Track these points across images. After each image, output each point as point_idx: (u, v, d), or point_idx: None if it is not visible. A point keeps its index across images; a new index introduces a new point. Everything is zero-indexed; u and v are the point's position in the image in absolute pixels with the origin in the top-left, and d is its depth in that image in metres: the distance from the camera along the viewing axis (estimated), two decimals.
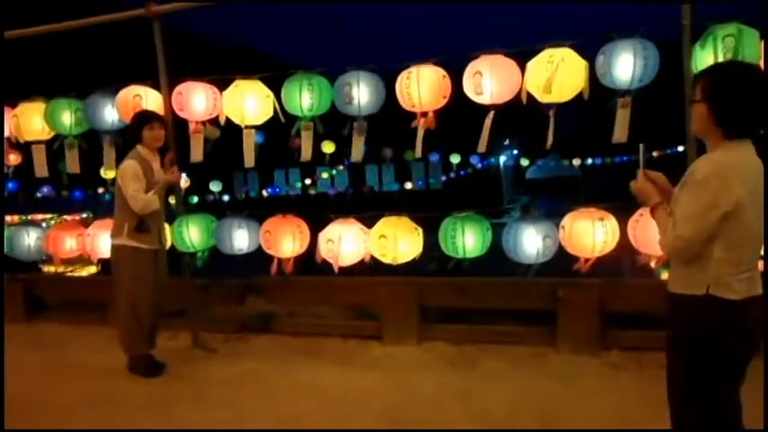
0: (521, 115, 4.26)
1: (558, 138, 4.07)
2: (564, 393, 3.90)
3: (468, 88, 4.07)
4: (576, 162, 23.44)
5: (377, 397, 3.99)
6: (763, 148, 2.24)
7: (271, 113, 4.61)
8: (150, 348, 4.56)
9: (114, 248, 4.45)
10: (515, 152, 26.17)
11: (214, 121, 4.73)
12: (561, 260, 4.25)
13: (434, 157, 24.18)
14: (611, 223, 3.95)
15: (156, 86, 4.79)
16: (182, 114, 4.70)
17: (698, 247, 2.19)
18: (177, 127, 4.79)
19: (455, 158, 23.08)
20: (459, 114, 4.19)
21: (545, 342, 4.55)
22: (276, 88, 4.52)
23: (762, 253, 2.35)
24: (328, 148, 15.25)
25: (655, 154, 26.02)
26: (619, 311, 4.49)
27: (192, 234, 4.75)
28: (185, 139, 4.74)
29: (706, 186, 2.13)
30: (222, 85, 4.66)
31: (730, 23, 3.57)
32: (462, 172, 25.09)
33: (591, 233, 3.92)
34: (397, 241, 4.21)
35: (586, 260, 4.05)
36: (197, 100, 4.62)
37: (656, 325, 4.51)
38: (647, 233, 3.85)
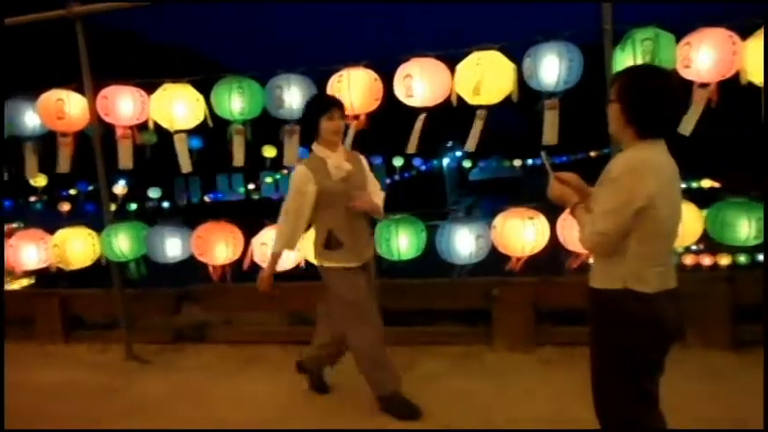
0: (462, 117, 4.30)
1: (497, 139, 4.14)
2: (500, 391, 3.96)
3: (399, 91, 4.09)
4: (517, 163, 23.96)
5: (315, 403, 3.96)
6: (675, 149, 2.32)
7: (201, 118, 4.52)
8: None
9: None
10: (458, 154, 26.55)
11: (142, 126, 4.60)
12: (496, 260, 4.32)
13: (377, 161, 24.24)
14: (541, 222, 4.03)
15: (81, 90, 4.63)
16: (107, 119, 4.56)
17: (616, 242, 2.26)
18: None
19: (398, 161, 23.21)
20: (402, 117, 4.21)
21: (481, 341, 4.61)
22: (208, 92, 4.43)
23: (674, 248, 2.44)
24: (269, 152, 15.10)
25: (592, 154, 26.88)
26: (552, 308, 4.59)
27: (122, 243, 4.61)
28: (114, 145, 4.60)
29: (621, 183, 2.21)
30: (150, 88, 4.53)
31: (648, 27, 3.71)
32: (406, 174, 25.25)
33: (521, 232, 3.99)
34: None
35: (518, 259, 4.12)
36: (123, 104, 4.49)
37: (587, 320, 4.68)
38: (575, 233, 3.95)
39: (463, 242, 4.08)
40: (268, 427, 3.67)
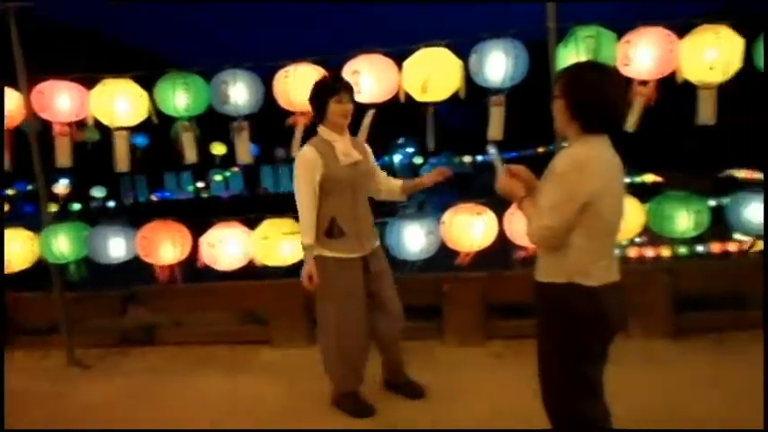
0: (414, 114, 4.31)
1: (447, 136, 4.17)
2: (451, 385, 3.99)
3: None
4: (468, 159, 24.24)
5: (268, 403, 3.92)
6: (618, 144, 2.37)
7: (145, 114, 4.39)
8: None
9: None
10: (410, 150, 26.67)
11: (82, 123, 4.45)
12: (445, 255, 4.36)
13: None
14: (490, 217, 4.08)
15: (15, 85, 4.44)
16: (44, 115, 4.38)
17: (561, 237, 2.30)
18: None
19: None
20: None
21: (432, 336, 4.64)
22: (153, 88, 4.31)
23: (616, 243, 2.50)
24: (218, 149, 14.84)
25: (540, 150, 27.42)
26: (501, 302, 4.65)
27: (62, 244, 4.45)
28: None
29: (565, 179, 2.24)
30: (90, 83, 4.38)
31: (590, 25, 3.79)
32: None
33: (470, 228, 4.03)
34: (280, 243, 4.14)
35: (467, 254, 4.17)
36: (61, 100, 4.32)
37: (534, 313, 4.76)
38: (521, 227, 4.01)
39: (413, 238, 4.09)
40: (219, 428, 3.61)
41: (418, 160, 24.64)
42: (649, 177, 17.17)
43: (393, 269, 3.88)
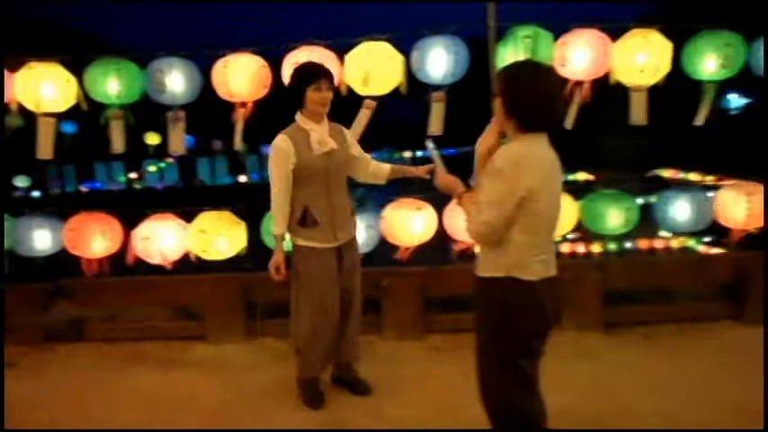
0: (354, 108, 4.28)
1: (387, 131, 4.17)
2: (391, 380, 3.99)
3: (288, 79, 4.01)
4: (408, 154, 24.38)
5: (203, 400, 3.82)
6: (557, 143, 2.42)
7: (74, 100, 4.21)
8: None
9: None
10: None
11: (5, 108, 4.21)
12: (384, 250, 4.38)
13: (268, 150, 23.81)
14: (429, 212, 4.12)
15: None
16: None
17: (500, 232, 2.33)
18: None
19: None
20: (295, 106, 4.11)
21: (372, 330, 4.63)
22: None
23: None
24: (153, 139, 14.40)
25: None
26: (440, 296, 4.70)
27: None
28: None
29: (503, 175, 2.27)
30: (14, 66, 4.16)
31: (529, 25, 3.87)
32: None
33: (410, 222, 4.06)
34: (218, 236, 4.05)
35: (406, 249, 4.19)
36: None
37: (471, 307, 4.83)
38: (461, 222, 4.07)
39: None
40: (154, 428, 3.50)
41: None
42: (582, 176, 17.74)
43: None
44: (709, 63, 3.91)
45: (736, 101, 25.17)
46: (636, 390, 3.68)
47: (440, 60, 3.89)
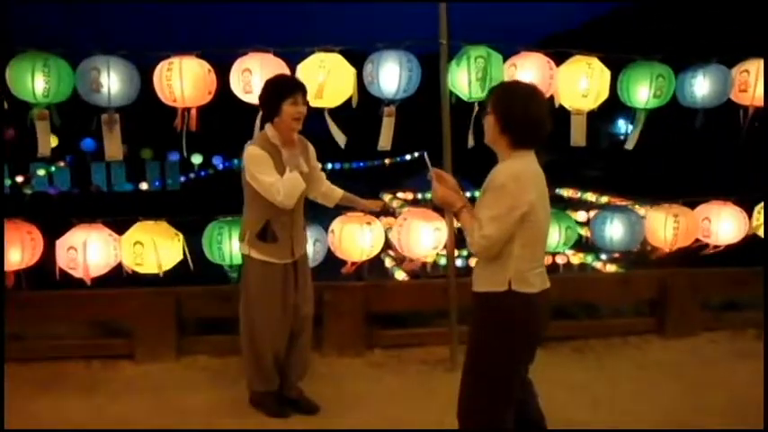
0: None
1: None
2: (332, 397, 3.89)
3: (236, 86, 3.87)
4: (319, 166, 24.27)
5: (133, 424, 3.56)
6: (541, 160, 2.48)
7: None
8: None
9: (242, 258, 3.53)
10: None
11: None
12: (324, 264, 4.28)
13: (174, 156, 22.89)
14: (378, 227, 4.08)
15: None
16: None
17: (500, 245, 2.40)
18: None
19: (197, 159, 22.16)
20: (210, 112, 3.96)
21: (312, 347, 4.50)
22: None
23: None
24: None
25: (387, 162, 28.20)
26: (382, 312, 4.66)
27: None
28: None
29: (505, 191, 2.35)
30: None
31: (481, 46, 3.95)
32: (203, 173, 24.20)
33: (359, 237, 4.00)
34: (157, 248, 3.81)
35: (353, 263, 4.13)
36: None
37: (413, 323, 4.84)
38: (410, 237, 4.08)
39: None
40: None
41: None
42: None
43: None
44: (642, 92, 4.15)
45: (624, 127, 27.14)
46: (573, 403, 3.79)
47: (393, 75, 3.87)
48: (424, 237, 4.06)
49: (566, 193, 19.03)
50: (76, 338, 4.46)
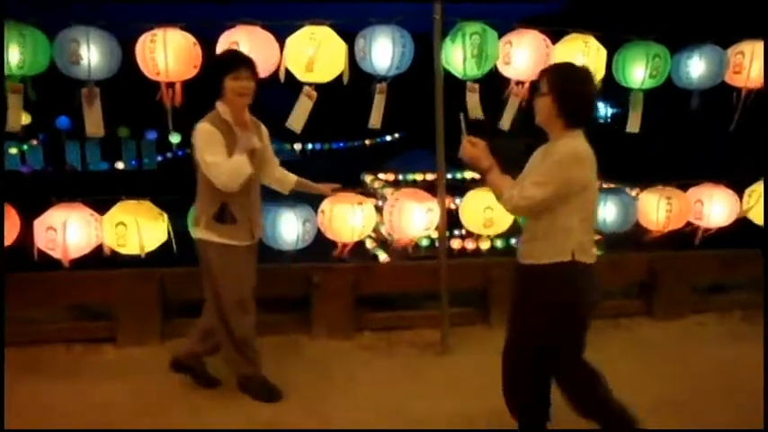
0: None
1: (273, 122, 3.96)
2: (322, 380, 3.83)
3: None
4: (297, 147, 24.03)
5: (118, 409, 3.45)
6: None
7: None
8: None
9: (196, 242, 3.39)
10: None
11: None
12: (312, 245, 4.18)
13: (151, 135, 22.46)
14: (369, 208, 3.99)
15: None
16: None
17: (535, 211, 2.57)
18: None
19: (175, 138, 21.75)
20: (191, 90, 3.81)
21: (300, 330, 4.43)
22: None
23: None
24: (23, 118, 13.02)
25: (368, 143, 28.06)
26: (372, 293, 4.58)
27: None
28: None
29: (561, 165, 2.50)
30: None
31: (476, 22, 3.84)
32: (181, 152, 23.81)
33: (350, 218, 3.90)
34: (140, 229, 3.67)
35: (344, 245, 4.04)
36: None
37: (403, 305, 4.78)
38: (401, 218, 3.99)
39: (290, 227, 3.86)
40: None
41: None
42: (469, 174, 18.33)
43: (267, 260, 3.67)
44: (638, 72, 4.08)
45: (604, 109, 27.24)
46: None
47: (386, 51, 3.75)
48: (416, 218, 3.97)
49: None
50: (56, 322, 4.31)
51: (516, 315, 2.78)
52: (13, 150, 23.73)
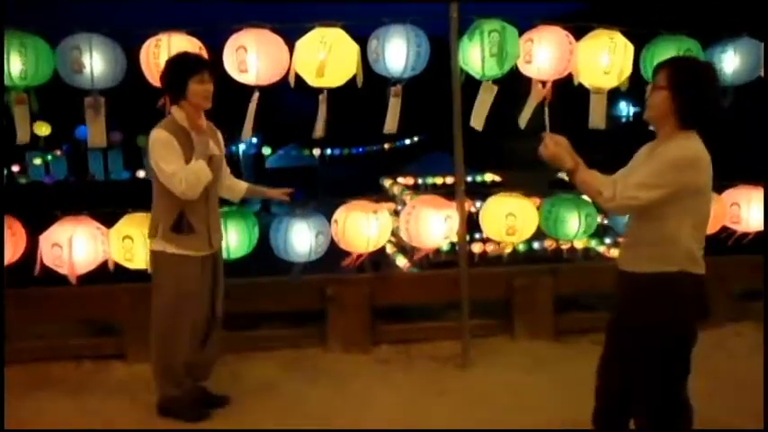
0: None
1: (294, 127, 3.81)
2: (339, 396, 3.68)
3: (231, 65, 3.57)
4: (316, 152, 23.94)
5: (126, 427, 3.34)
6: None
7: None
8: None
9: (150, 254, 3.27)
10: (254, 140, 25.82)
11: None
12: (325, 256, 4.02)
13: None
14: (385, 215, 3.82)
15: None
16: None
17: (636, 212, 2.45)
18: None
19: None
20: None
21: (315, 343, 4.27)
22: None
23: None
24: (42, 129, 13.11)
25: (387, 146, 27.90)
26: (388, 305, 4.41)
27: None
28: None
29: (674, 167, 2.33)
30: None
31: (495, 19, 3.65)
32: None
33: (365, 227, 3.73)
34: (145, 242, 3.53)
35: (358, 256, 3.87)
36: None
37: (421, 316, 4.60)
38: (419, 227, 3.81)
39: (302, 239, 3.70)
40: None
41: (266, 151, 23.82)
42: (489, 176, 18.09)
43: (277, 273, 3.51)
44: None
45: (626, 109, 26.74)
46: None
47: (400, 52, 3.58)
48: (434, 226, 3.79)
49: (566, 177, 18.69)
50: (65, 338, 4.20)
51: (618, 328, 2.60)
52: (38, 161, 24.02)
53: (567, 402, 3.53)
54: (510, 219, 3.87)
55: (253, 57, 3.50)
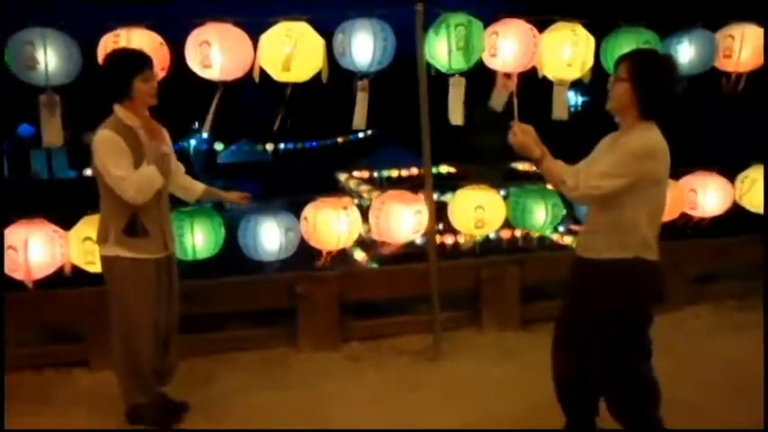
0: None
1: (245, 122, 3.75)
2: (311, 397, 3.63)
3: (194, 60, 3.47)
4: (270, 147, 23.65)
5: None
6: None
7: None
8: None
9: (101, 260, 3.12)
10: (205, 135, 25.35)
11: None
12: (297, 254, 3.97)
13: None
14: (354, 212, 3.79)
15: None
16: None
17: (598, 200, 2.47)
18: None
19: None
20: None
21: (285, 343, 4.21)
22: None
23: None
24: None
25: (340, 140, 27.78)
26: (357, 302, 4.38)
27: None
28: None
29: (634, 157, 2.38)
30: None
31: (461, 14, 3.65)
32: None
33: (335, 224, 3.70)
34: None
35: (329, 253, 3.83)
36: None
37: (389, 311, 4.59)
38: (390, 223, 3.80)
39: (271, 237, 3.64)
40: None
41: (218, 146, 23.40)
42: (444, 168, 18.22)
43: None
44: None
45: (574, 99, 27.38)
46: None
47: (367, 46, 3.55)
48: (404, 221, 3.78)
49: (521, 167, 19.03)
50: (24, 346, 4.02)
51: (572, 313, 2.66)
52: None
53: (537, 389, 3.56)
54: (479, 211, 3.90)
55: (216, 52, 3.41)
